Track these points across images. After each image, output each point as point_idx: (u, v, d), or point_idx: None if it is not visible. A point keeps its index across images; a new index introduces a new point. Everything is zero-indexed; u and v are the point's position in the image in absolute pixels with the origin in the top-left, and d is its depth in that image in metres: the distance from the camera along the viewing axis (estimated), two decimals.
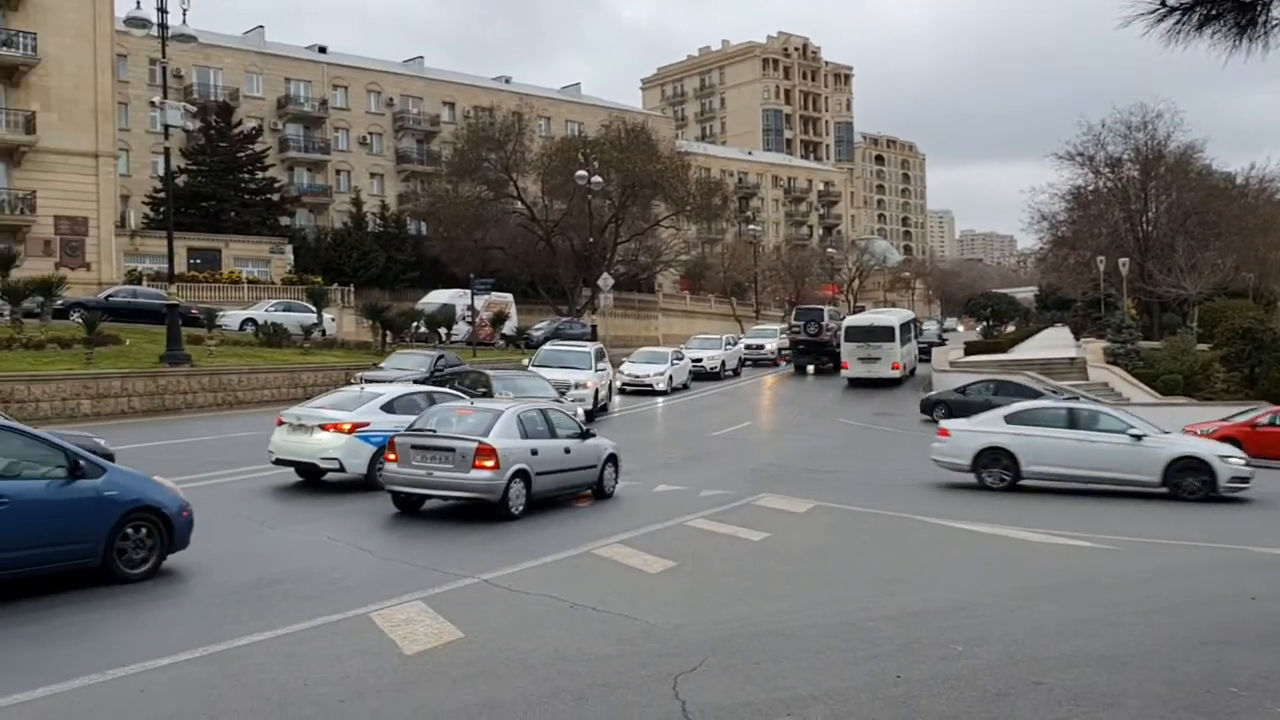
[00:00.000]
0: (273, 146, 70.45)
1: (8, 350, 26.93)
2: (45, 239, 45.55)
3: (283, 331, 36.52)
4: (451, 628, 9.01)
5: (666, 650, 8.51)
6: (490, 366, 36.65)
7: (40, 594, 9.70)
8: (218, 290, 48.90)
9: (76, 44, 46.40)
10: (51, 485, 9.88)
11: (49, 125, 45.29)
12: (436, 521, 14.81)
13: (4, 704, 6.90)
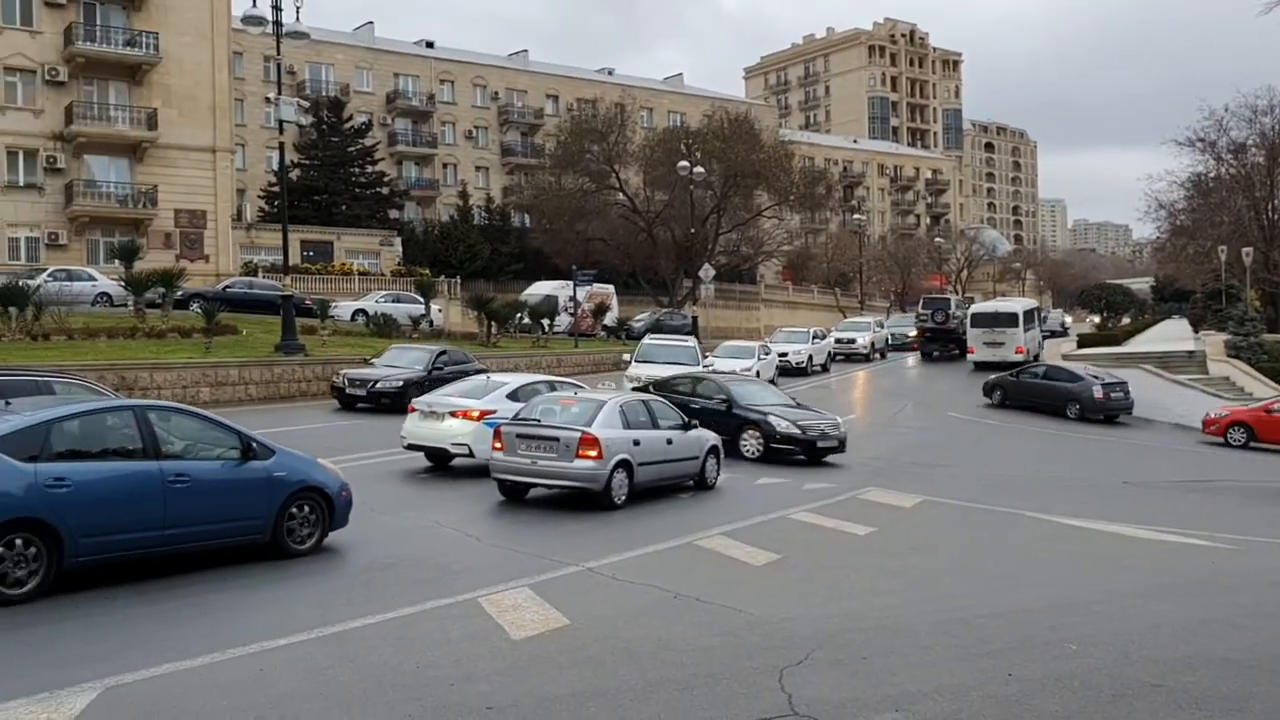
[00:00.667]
0: (382, 141, 71.95)
1: (131, 339, 28.03)
2: (166, 232, 47.26)
3: (392, 322, 37.32)
4: (557, 614, 9.11)
5: (771, 643, 8.46)
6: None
7: (160, 575, 10.08)
8: (330, 282, 50.17)
9: (195, 42, 47.98)
10: (226, 465, 10.65)
11: (169, 122, 46.95)
12: (541, 509, 14.97)
13: (131, 679, 7.18)
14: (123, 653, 7.77)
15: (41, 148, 44.74)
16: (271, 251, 50.38)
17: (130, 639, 8.16)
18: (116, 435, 10.02)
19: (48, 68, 44.57)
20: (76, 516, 9.24)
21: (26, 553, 9.00)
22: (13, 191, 44.41)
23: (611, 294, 53.53)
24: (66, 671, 7.28)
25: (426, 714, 6.64)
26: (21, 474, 9.02)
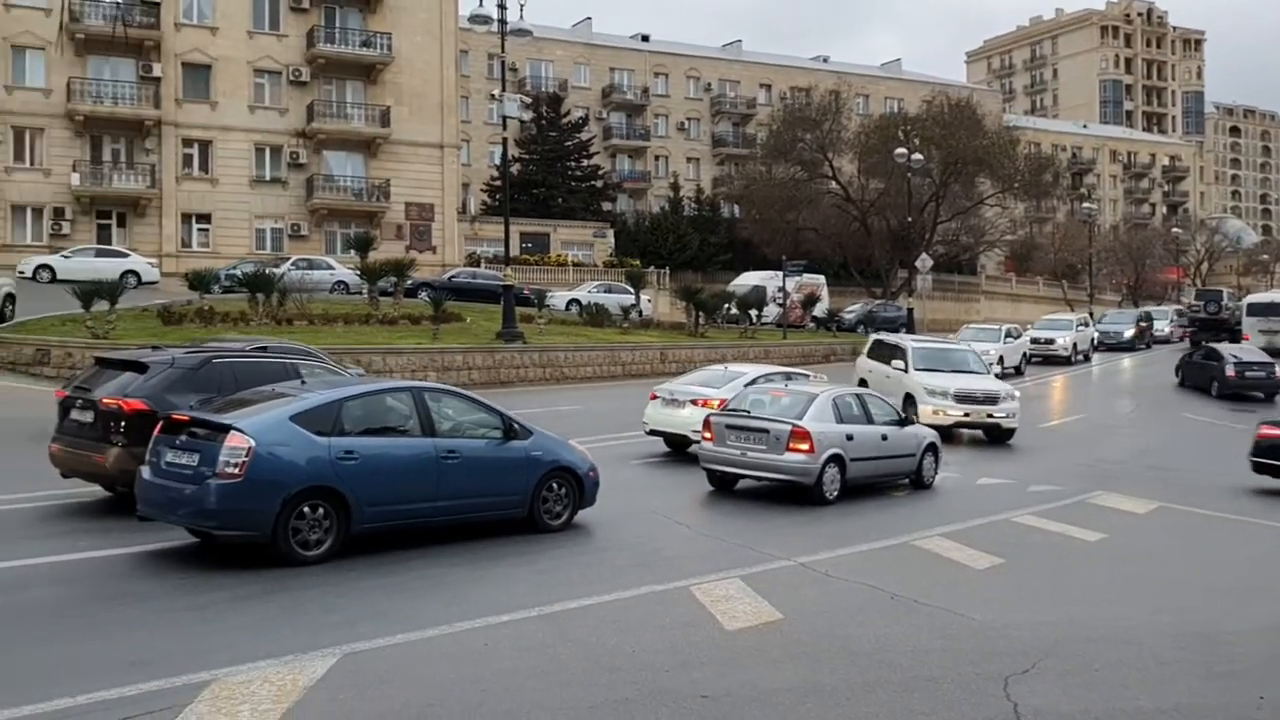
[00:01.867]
0: (597, 135, 73.43)
1: (365, 325, 29.67)
2: (397, 224, 49.75)
3: (604, 312, 38.06)
4: (770, 607, 9.06)
5: (994, 649, 8.16)
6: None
7: (394, 549, 10.59)
8: (546, 272, 51.63)
9: (425, 42, 50.26)
10: (490, 444, 11.42)
11: (401, 119, 49.37)
12: (750, 501, 14.93)
13: (366, 647, 7.58)
14: (359, 622, 8.21)
15: (286, 144, 47.91)
16: (493, 243, 52.28)
17: (367, 610, 8.62)
18: (397, 414, 10.90)
19: (292, 69, 47.67)
20: (362, 486, 10.08)
21: (320, 518, 9.87)
22: (260, 185, 47.76)
23: (822, 285, 52.77)
24: (309, 636, 7.75)
25: (643, 698, 6.73)
26: (317, 447, 9.89)
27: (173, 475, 9.82)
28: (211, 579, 9.40)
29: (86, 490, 12.73)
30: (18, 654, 7.29)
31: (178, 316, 27.98)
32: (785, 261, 47.08)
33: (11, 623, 7.98)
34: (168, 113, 45.65)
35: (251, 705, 6.32)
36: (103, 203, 45.13)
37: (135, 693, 6.48)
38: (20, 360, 24.36)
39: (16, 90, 43.65)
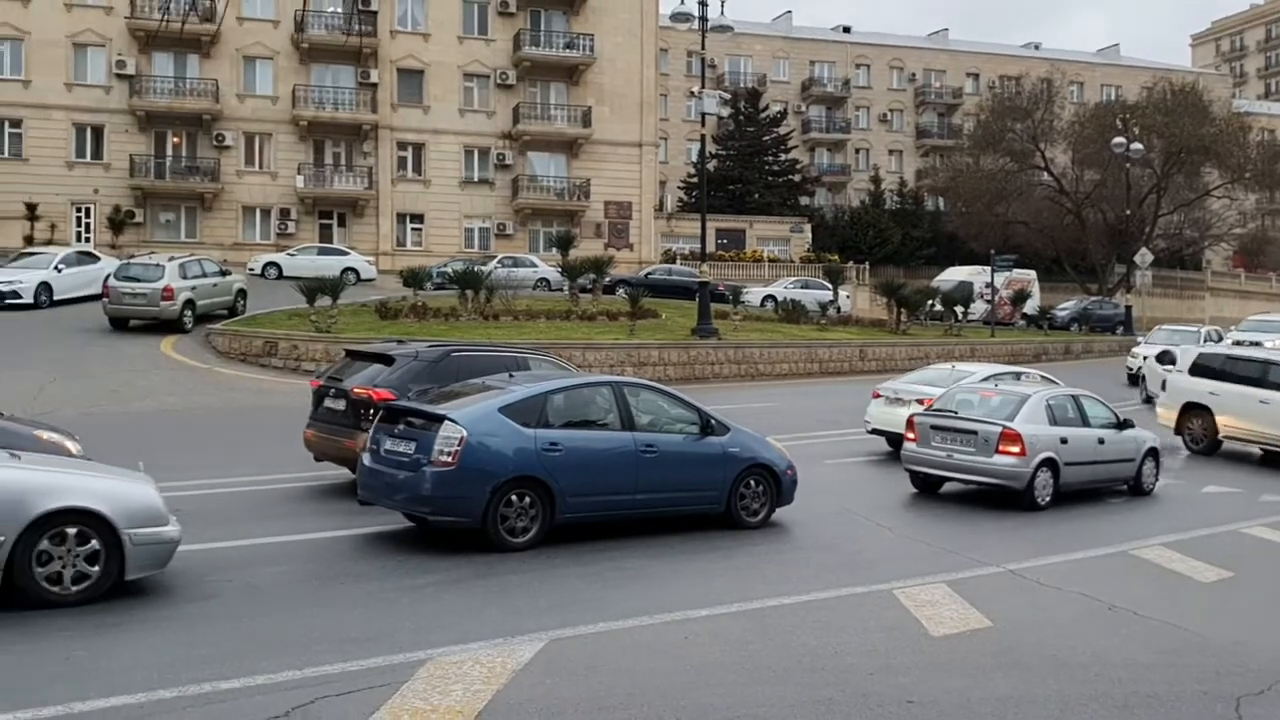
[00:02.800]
0: (795, 129, 72.74)
1: (566, 320, 30.37)
2: (596, 222, 50.71)
3: (800, 308, 37.68)
4: (978, 614, 8.75)
5: (1224, 668, 7.63)
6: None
7: (592, 540, 10.78)
8: (741, 268, 51.57)
9: (627, 42, 51.01)
10: (688, 439, 11.54)
11: (602, 119, 50.27)
12: (955, 505, 14.47)
13: (570, 634, 7.74)
14: (562, 609, 8.40)
15: (493, 146, 49.58)
16: (689, 240, 52.59)
17: (569, 598, 8.81)
18: (598, 408, 11.20)
19: (499, 72, 49.26)
20: (566, 477, 10.40)
21: (526, 507, 10.22)
22: (469, 186, 49.59)
23: (1032, 280, 50.65)
24: (516, 621, 7.98)
25: (846, 699, 6.62)
26: (524, 438, 10.27)
27: (391, 462, 10.35)
28: (424, 562, 9.82)
29: (334, 473, 13.57)
30: (246, 628, 7.79)
31: (393, 312, 29.35)
32: (994, 256, 45.44)
33: (245, 598, 8.54)
34: (384, 117, 47.97)
35: (464, 685, 6.55)
36: (324, 203, 47.84)
37: (356, 668, 6.83)
38: (250, 351, 26.09)
39: (248, 98, 46.76)
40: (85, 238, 43.73)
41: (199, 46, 45.44)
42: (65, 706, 6.02)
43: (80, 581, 7.95)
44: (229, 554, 9.73)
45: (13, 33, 43.79)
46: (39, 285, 30.77)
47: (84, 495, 8.02)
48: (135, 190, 44.95)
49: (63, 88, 44.46)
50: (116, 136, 45.15)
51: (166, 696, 6.24)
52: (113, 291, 27.96)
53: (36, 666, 6.73)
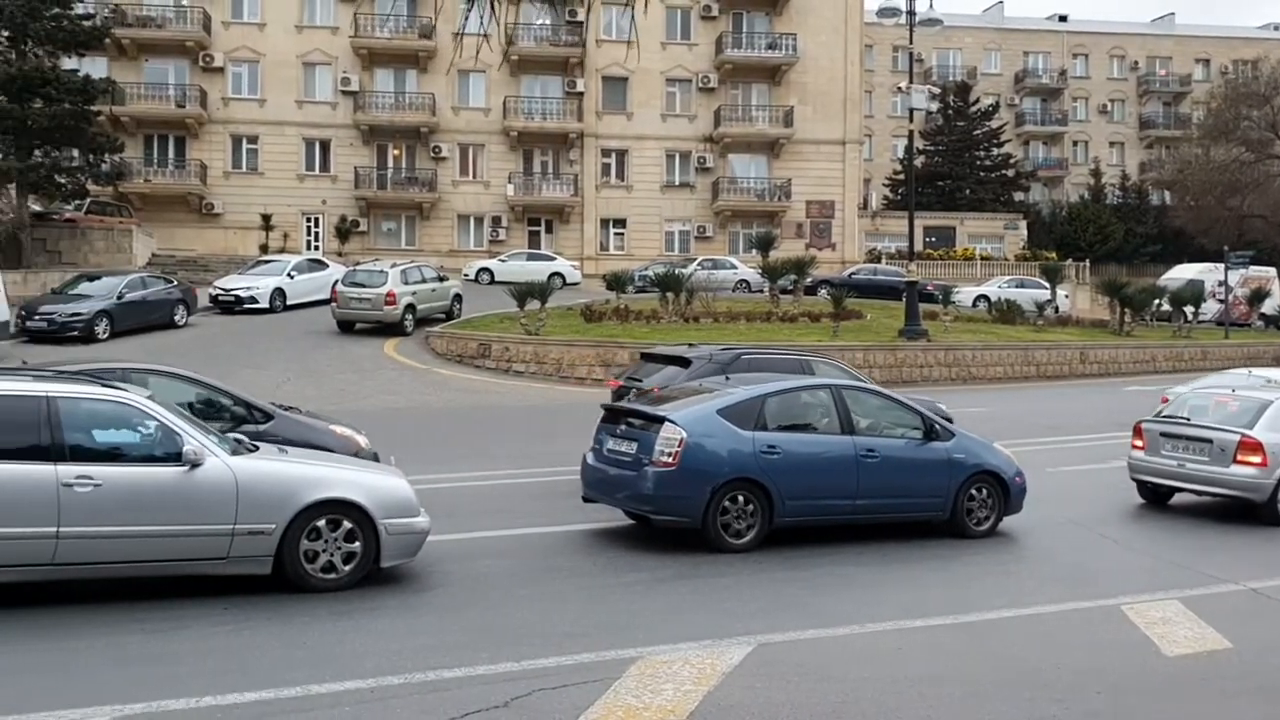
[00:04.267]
0: (1008, 122, 70.10)
1: (766, 322, 30.23)
2: (798, 222, 50.27)
3: (1015, 308, 36.27)
4: (1216, 634, 8.16)
5: None
6: None
7: (803, 544, 10.65)
8: (951, 267, 50.08)
9: (830, 40, 50.37)
10: (910, 444, 11.28)
11: (804, 118, 49.81)
12: (1187, 517, 13.55)
13: (779, 639, 7.67)
14: (771, 613, 8.34)
15: (694, 150, 49.88)
16: (894, 238, 51.48)
17: (779, 602, 8.75)
18: (816, 410, 11.13)
19: (701, 76, 49.55)
20: (784, 480, 10.39)
21: (745, 509, 10.26)
22: (670, 190, 50.07)
23: (1272, 278, 47.02)
24: (724, 623, 7.98)
25: (1071, 718, 6.30)
26: (742, 440, 10.30)
27: (613, 461, 10.64)
28: (634, 560, 9.97)
29: (559, 470, 13.88)
30: (466, 618, 8.09)
31: (597, 315, 29.94)
32: (1227, 252, 42.49)
33: (466, 589, 8.88)
34: (589, 125, 49.02)
35: (674, 685, 6.59)
36: (533, 210, 49.29)
37: (570, 663, 6.98)
38: (465, 353, 27.14)
39: (462, 110, 48.68)
40: (315, 246, 46.54)
41: (417, 62, 47.65)
42: (303, 688, 6.40)
43: (342, 567, 8.48)
44: (454, 546, 10.06)
45: (250, 55, 47.04)
46: (274, 291, 32.93)
47: (345, 487, 8.57)
48: (359, 200, 47.51)
49: (294, 105, 47.46)
50: (342, 150, 47.85)
51: (394, 683, 6.54)
52: (340, 296, 29.65)
53: (279, 650, 7.19)
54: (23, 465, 7.63)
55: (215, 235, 46.06)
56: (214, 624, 7.69)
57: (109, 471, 7.85)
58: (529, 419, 20.80)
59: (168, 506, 7.94)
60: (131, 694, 6.19)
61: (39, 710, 5.91)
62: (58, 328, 26.19)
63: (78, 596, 8.01)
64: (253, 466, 8.38)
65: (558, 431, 18.14)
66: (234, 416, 10.71)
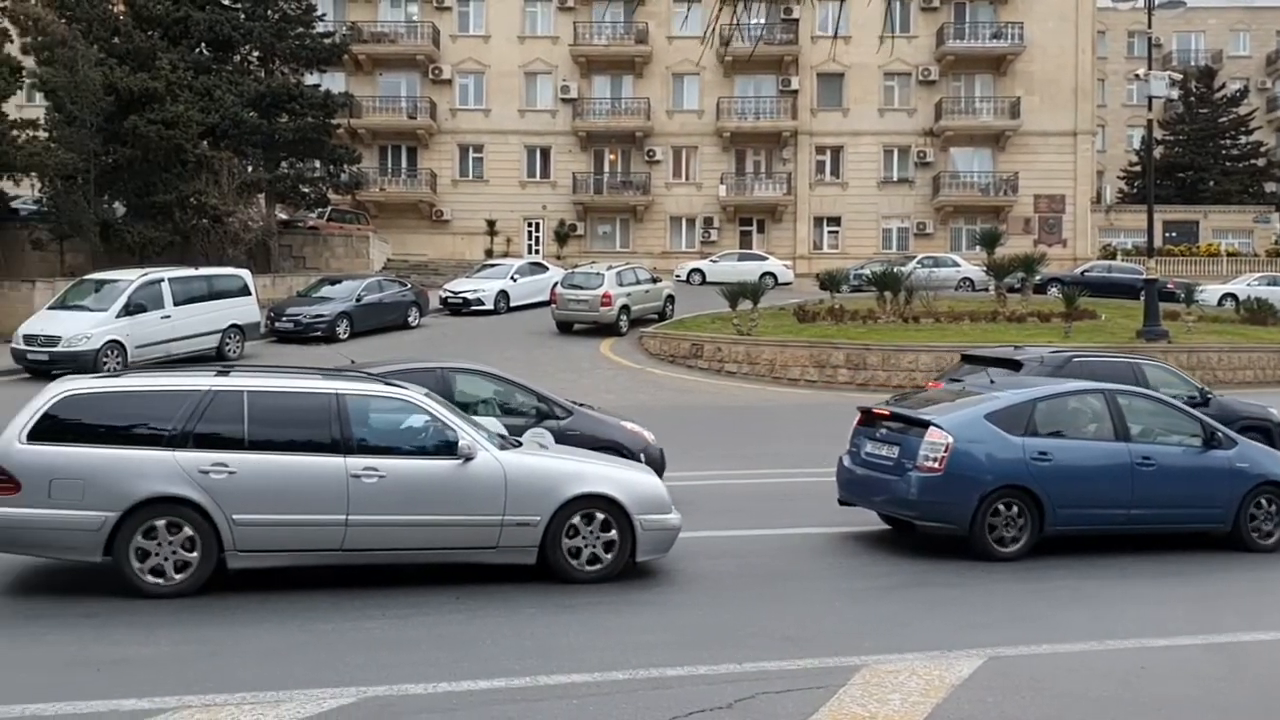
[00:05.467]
0: (1258, 108, 64.93)
1: (992, 323, 29.07)
2: (1025, 218, 48.21)
3: (1267, 307, 33.55)
4: None
5: None
6: None
7: (1037, 555, 10.17)
8: (1193, 264, 46.96)
9: (1059, 27, 48.08)
10: (1188, 452, 10.68)
11: (1030, 109, 47.72)
12: None
13: (1012, 653, 7.34)
14: (1002, 626, 8.02)
15: (913, 144, 48.62)
16: (1130, 234, 48.72)
17: (1010, 614, 8.40)
18: (1088, 416, 10.69)
19: (920, 69, 48.23)
20: (1056, 488, 10.00)
21: (1014, 517, 9.93)
22: (888, 186, 48.98)
23: None
24: (952, 634, 7.70)
25: None
26: (1011, 446, 9.98)
27: (872, 465, 10.46)
28: (860, 566, 9.86)
29: (803, 472, 13.77)
30: (690, 616, 8.15)
31: (811, 315, 29.58)
32: None
33: (692, 587, 8.95)
34: (803, 123, 48.53)
35: (901, 696, 6.41)
36: (744, 210, 49.22)
37: (793, 667, 6.89)
38: (678, 353, 27.35)
39: (676, 114, 49.11)
40: (535, 250, 48.00)
41: (633, 67, 48.42)
42: (531, 679, 6.58)
43: (598, 561, 8.74)
44: (690, 544, 9.95)
45: (476, 67, 48.98)
46: (498, 293, 34.16)
47: (603, 482, 8.85)
48: (577, 205, 48.69)
49: (516, 114, 49.08)
50: (561, 156, 49.15)
51: (618, 678, 6.63)
52: (560, 298, 30.48)
53: (507, 639, 7.41)
54: (317, 457, 8.27)
55: (444, 240, 48.18)
56: (447, 612, 8.02)
57: (391, 464, 8.39)
58: (744, 419, 20.75)
59: (443, 497, 8.43)
60: (374, 676, 6.53)
61: (293, 688, 6.31)
62: (303, 328, 27.98)
63: (325, 582, 8.51)
64: (519, 461, 8.80)
65: (775, 433, 18.04)
66: (538, 412, 11.55)
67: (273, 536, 8.16)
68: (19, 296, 27.49)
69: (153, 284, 23.55)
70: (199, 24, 36.24)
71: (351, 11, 47.65)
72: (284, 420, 8.37)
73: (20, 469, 7.88)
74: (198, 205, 33.20)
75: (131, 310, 22.79)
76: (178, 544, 7.99)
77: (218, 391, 8.32)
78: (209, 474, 8.01)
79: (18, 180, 32.62)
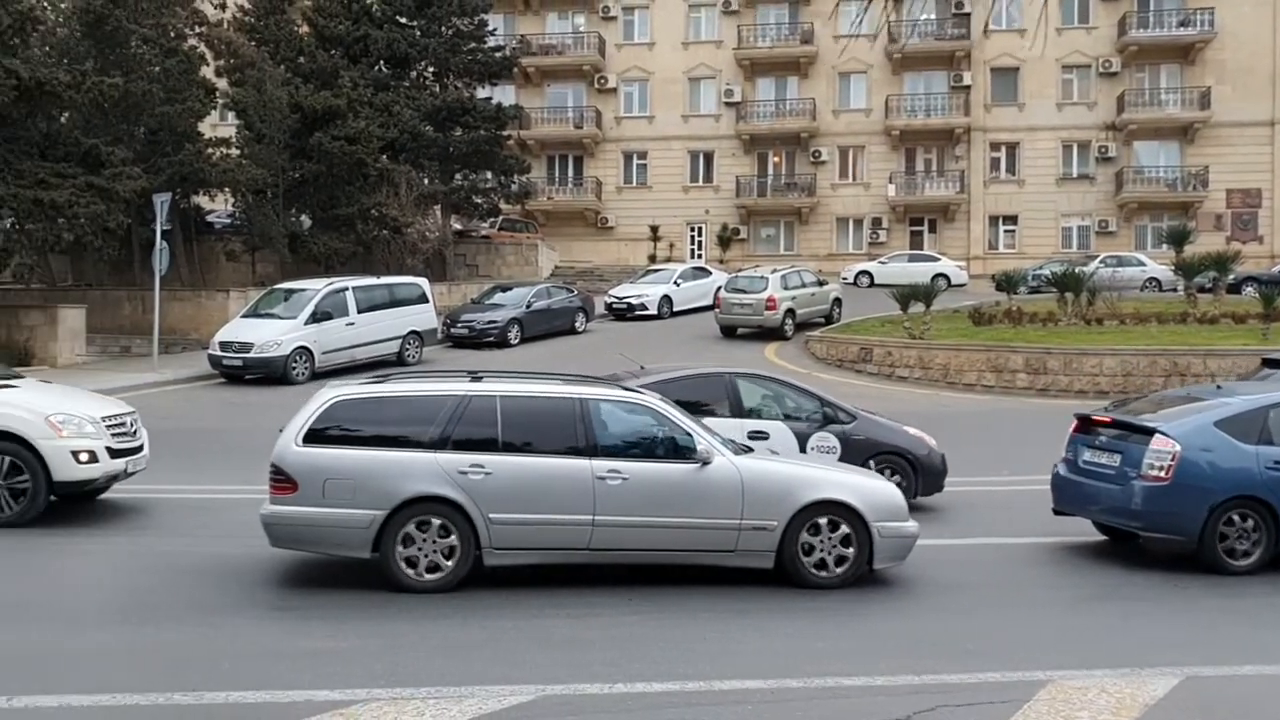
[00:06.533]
0: None
1: (1181, 324, 27.56)
2: (1216, 213, 45.59)
3: None
4: None
5: None
6: None
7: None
8: None
9: (1254, 12, 45.29)
10: None
11: (1222, 98, 45.13)
12: None
13: (1210, 673, 6.95)
14: (1199, 645, 7.59)
15: (1094, 139, 46.62)
16: None
17: (1206, 633, 7.96)
18: None
19: (1101, 61, 46.22)
20: None
21: (1248, 529, 9.49)
22: (1066, 183, 47.09)
23: None
24: (1146, 652, 7.33)
25: None
26: (1244, 455, 9.54)
27: (1091, 473, 10.15)
28: (1048, 578, 9.62)
29: None
30: (869, 625, 7.99)
31: (986, 317, 28.67)
32: None
33: (876, 595, 8.75)
34: (976, 119, 47.15)
35: (1090, 714, 6.13)
36: (914, 210, 48.14)
37: (974, 680, 6.69)
38: (846, 358, 26.94)
39: (842, 113, 48.44)
40: (698, 254, 48.11)
41: (798, 69, 48.02)
42: (706, 683, 6.57)
43: (834, 566, 8.73)
44: None
45: (640, 74, 49.47)
46: (661, 298, 34.38)
47: (839, 489, 8.88)
48: (740, 209, 48.58)
49: (680, 120, 49.34)
50: (724, 160, 49.14)
51: (793, 685, 6.56)
52: (723, 302, 30.46)
53: (682, 642, 7.43)
54: (565, 459, 8.59)
55: (609, 247, 48.80)
56: (622, 613, 8.11)
57: (633, 466, 8.64)
58: (924, 426, 20.21)
59: (682, 500, 8.61)
60: (553, 675, 6.64)
61: (475, 683, 6.48)
62: (476, 334, 28.79)
63: (502, 581, 8.71)
64: (755, 466, 8.92)
65: (961, 439, 17.53)
66: (824, 417, 11.77)
67: (525, 535, 8.50)
68: (215, 305, 29.15)
69: (338, 292, 24.67)
70: (378, 42, 37.78)
71: (520, 25, 48.84)
72: (533, 424, 8.73)
73: (297, 470, 8.42)
74: (378, 217, 34.56)
75: (318, 317, 23.90)
76: (439, 541, 8.40)
77: (473, 397, 8.72)
78: (467, 475, 8.40)
79: (213, 195, 34.67)
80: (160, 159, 29.81)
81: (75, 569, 9.55)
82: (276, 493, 8.50)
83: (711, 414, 11.03)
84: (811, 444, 11.23)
